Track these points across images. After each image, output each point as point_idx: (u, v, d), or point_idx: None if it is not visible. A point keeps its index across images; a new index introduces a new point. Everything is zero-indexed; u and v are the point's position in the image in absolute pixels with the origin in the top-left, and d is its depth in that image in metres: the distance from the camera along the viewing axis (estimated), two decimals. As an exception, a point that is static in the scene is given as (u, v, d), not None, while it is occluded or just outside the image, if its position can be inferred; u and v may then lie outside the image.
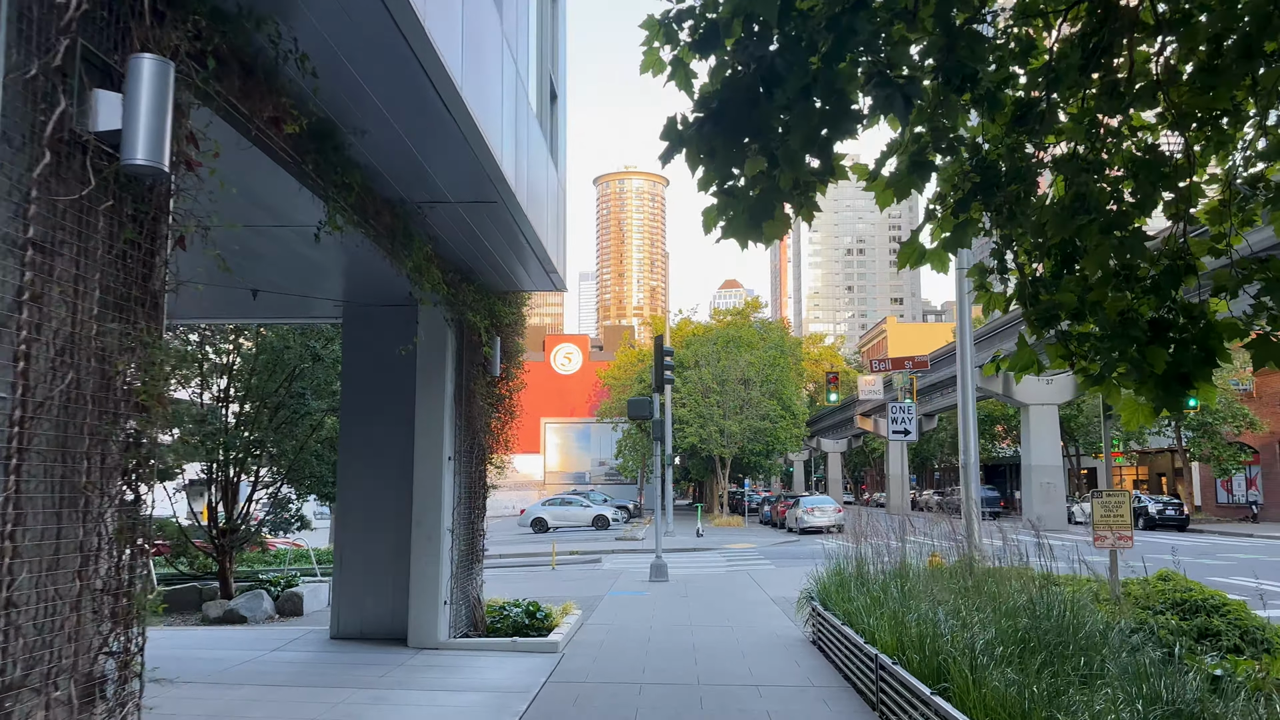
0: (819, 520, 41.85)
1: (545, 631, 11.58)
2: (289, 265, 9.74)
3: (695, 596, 16.69)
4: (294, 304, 11.43)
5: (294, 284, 10.59)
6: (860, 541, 11.28)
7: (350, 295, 11.27)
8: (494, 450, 12.28)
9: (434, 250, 8.84)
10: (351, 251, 8.75)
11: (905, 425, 16.86)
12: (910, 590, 9.17)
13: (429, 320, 10.82)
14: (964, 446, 12.09)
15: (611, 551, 31.67)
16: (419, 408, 10.89)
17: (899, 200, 5.75)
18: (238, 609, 15.49)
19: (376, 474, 11.51)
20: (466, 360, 11.36)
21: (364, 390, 11.75)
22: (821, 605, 11.13)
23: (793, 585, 18.27)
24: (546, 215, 10.08)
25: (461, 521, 11.38)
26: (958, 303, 12.19)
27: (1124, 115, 6.13)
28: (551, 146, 10.85)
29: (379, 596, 11.40)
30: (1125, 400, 6.13)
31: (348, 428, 11.79)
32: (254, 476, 16.88)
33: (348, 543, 11.56)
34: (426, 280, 8.31)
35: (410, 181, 7.54)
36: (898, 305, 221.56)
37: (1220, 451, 48.72)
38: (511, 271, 10.75)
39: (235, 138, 5.46)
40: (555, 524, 45.51)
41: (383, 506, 11.42)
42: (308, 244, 8.57)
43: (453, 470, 11.06)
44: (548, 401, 79.95)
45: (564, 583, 20.00)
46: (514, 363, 12.66)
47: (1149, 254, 5.70)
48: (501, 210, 8.25)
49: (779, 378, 54.31)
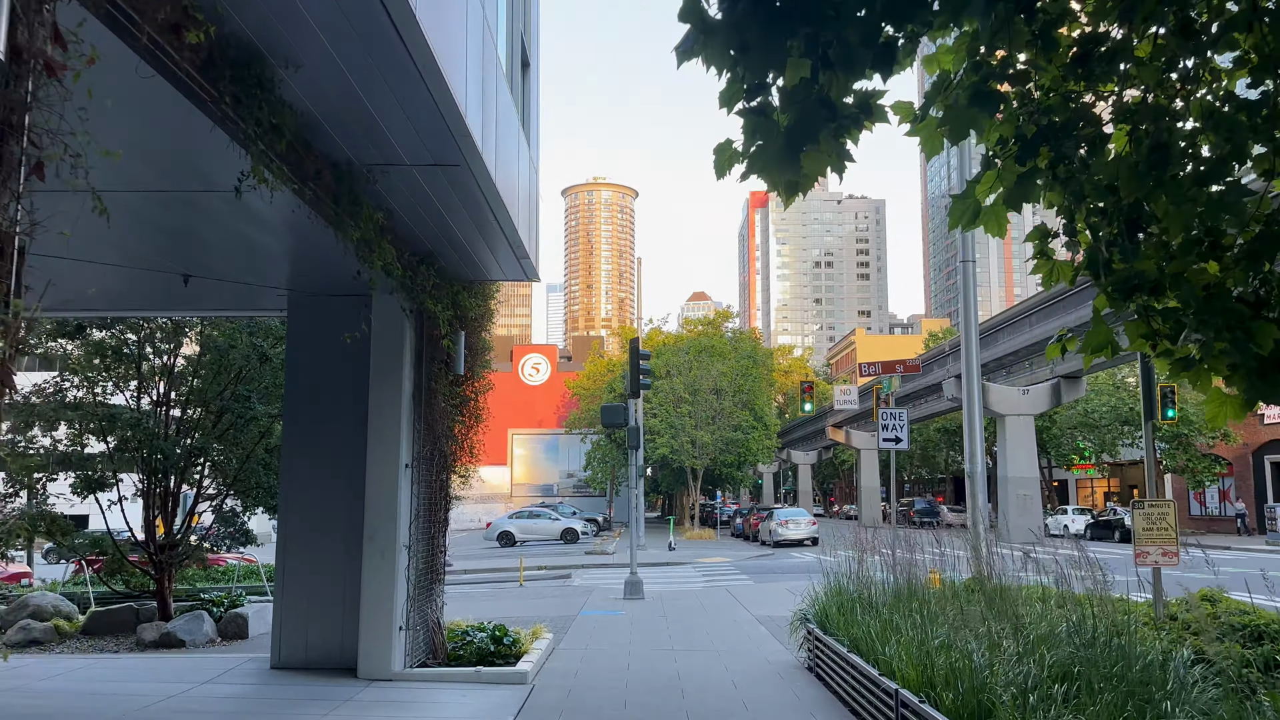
0: (793, 533, 40.88)
1: (513, 659, 10.40)
2: (224, 245, 8.56)
3: (675, 616, 15.56)
4: (233, 293, 10.21)
5: (231, 268, 9.40)
6: (866, 555, 10.21)
7: (296, 283, 10.08)
8: (458, 458, 11.11)
9: (388, 223, 7.70)
10: (292, 224, 7.60)
11: (897, 432, 15.89)
12: (930, 614, 8.11)
13: (384, 310, 9.66)
14: (969, 454, 11.10)
15: (582, 566, 30.47)
16: (373, 409, 9.72)
17: (953, 144, 4.72)
18: (175, 632, 14.18)
19: (324, 483, 10.29)
20: (427, 357, 10.20)
21: (311, 390, 10.53)
22: (819, 628, 10.06)
23: (777, 603, 17.20)
24: (518, 191, 8.97)
25: (420, 536, 10.19)
26: (963, 295, 11.21)
27: (1200, 59, 5.14)
28: (524, 117, 9.75)
29: (326, 621, 10.16)
30: (1213, 392, 5.14)
31: (292, 432, 10.56)
32: (196, 487, 15.57)
33: (291, 560, 10.32)
34: (378, 257, 7.15)
35: (358, 137, 6.40)
36: (865, 318, 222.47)
37: (1195, 463, 48.40)
38: (478, 256, 9.62)
39: (131, 60, 4.33)
40: (523, 538, 44.16)
41: (331, 519, 10.20)
42: (242, 217, 7.41)
43: (410, 479, 9.88)
44: (515, 412, 78.60)
45: (533, 601, 18.79)
46: (480, 361, 11.51)
47: (1244, 213, 4.71)
48: (465, 177, 7.14)
49: (751, 388, 53.43)
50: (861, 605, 9.31)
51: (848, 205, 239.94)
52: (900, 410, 16.19)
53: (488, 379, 11.61)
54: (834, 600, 10.16)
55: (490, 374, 11.93)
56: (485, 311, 11.32)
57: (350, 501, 9.96)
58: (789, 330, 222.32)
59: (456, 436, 10.94)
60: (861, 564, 10.33)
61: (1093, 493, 70.10)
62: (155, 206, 7.01)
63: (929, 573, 11.05)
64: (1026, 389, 42.18)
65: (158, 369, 15.00)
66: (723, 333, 62.58)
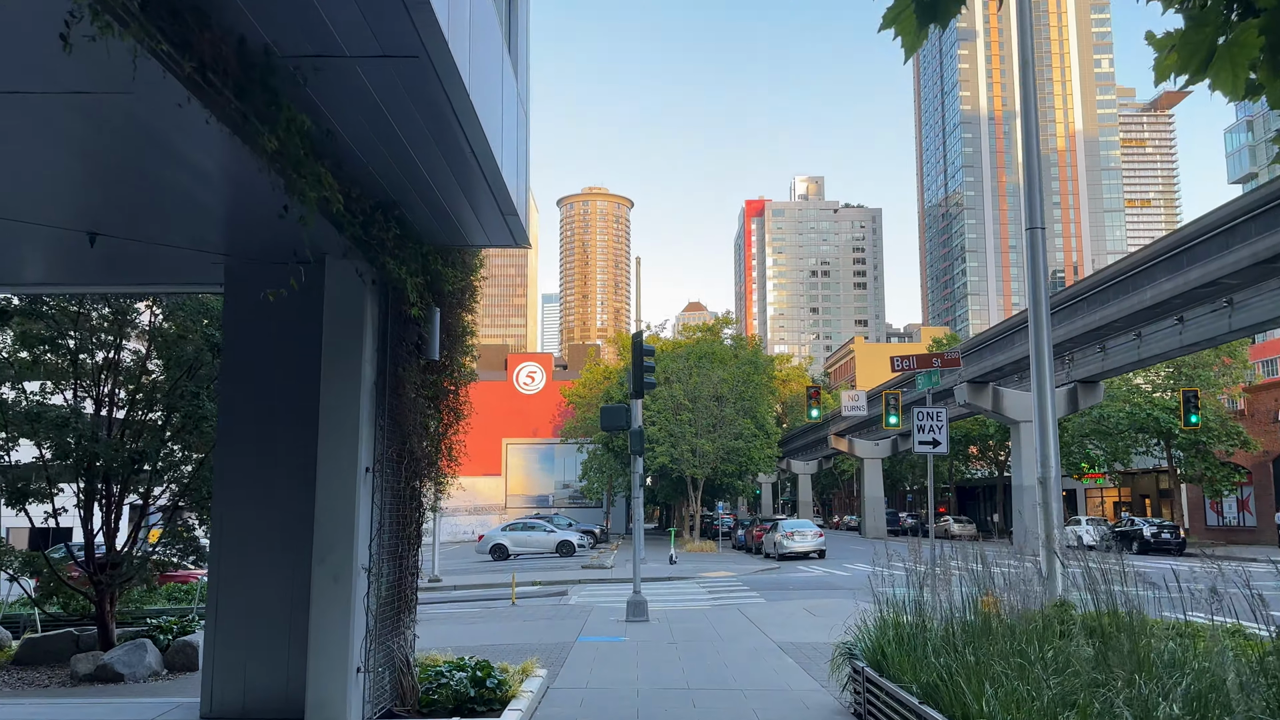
0: (800, 545, 39.02)
1: (498, 705, 8.55)
2: (137, 194, 6.76)
3: (685, 643, 13.69)
4: (156, 260, 8.41)
5: (148, 226, 7.59)
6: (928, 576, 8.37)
7: (234, 248, 8.27)
8: (434, 460, 9.27)
9: (328, 147, 5.89)
10: (222, 163, 5.81)
11: (934, 434, 14.08)
12: (1048, 657, 6.28)
13: (339, 278, 7.85)
14: (1042, 457, 9.24)
15: (579, 581, 28.61)
16: (325, 400, 7.89)
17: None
18: (112, 664, 12.34)
19: (268, 491, 8.44)
20: (394, 338, 8.38)
21: (252, 379, 8.68)
22: (871, 667, 8.22)
23: (798, 627, 15.36)
24: (501, 124, 7.18)
25: (385, 557, 8.35)
26: (1030, 265, 9.42)
27: None
28: (510, 39, 7.96)
29: (268, 661, 8.30)
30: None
31: (229, 429, 8.69)
32: (144, 498, 13.73)
33: (226, 585, 8.44)
34: (310, 185, 5.33)
35: (275, 7, 4.61)
36: (862, 327, 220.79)
37: (1213, 472, 46.66)
38: (453, 209, 7.81)
39: None
40: (516, 551, 42.21)
41: (274, 536, 8.35)
42: (156, 151, 5.63)
43: (372, 486, 8.05)
44: (510, 422, 76.82)
45: (525, 624, 16.92)
46: (462, 347, 9.70)
47: None
48: (428, 80, 5.34)
49: (753, 395, 51.62)
50: (942, 642, 7.46)
51: (844, 214, 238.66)
52: (938, 409, 14.38)
53: (469, 366, 9.80)
54: (889, 632, 8.32)
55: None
56: (466, 286, 9.51)
57: (301, 513, 8.12)
58: (785, 340, 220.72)
59: (432, 434, 9.11)
60: (923, 586, 8.49)
61: (1102, 502, 68.27)
62: (23, 115, 5.21)
63: (983, 595, 9.20)
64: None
65: (101, 363, 13.21)
66: (721, 339, 60.93)
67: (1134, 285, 30.43)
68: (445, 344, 9.21)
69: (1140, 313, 31.03)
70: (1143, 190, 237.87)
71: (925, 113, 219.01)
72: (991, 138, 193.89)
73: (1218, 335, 29.90)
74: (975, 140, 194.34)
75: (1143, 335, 33.56)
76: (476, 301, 10.04)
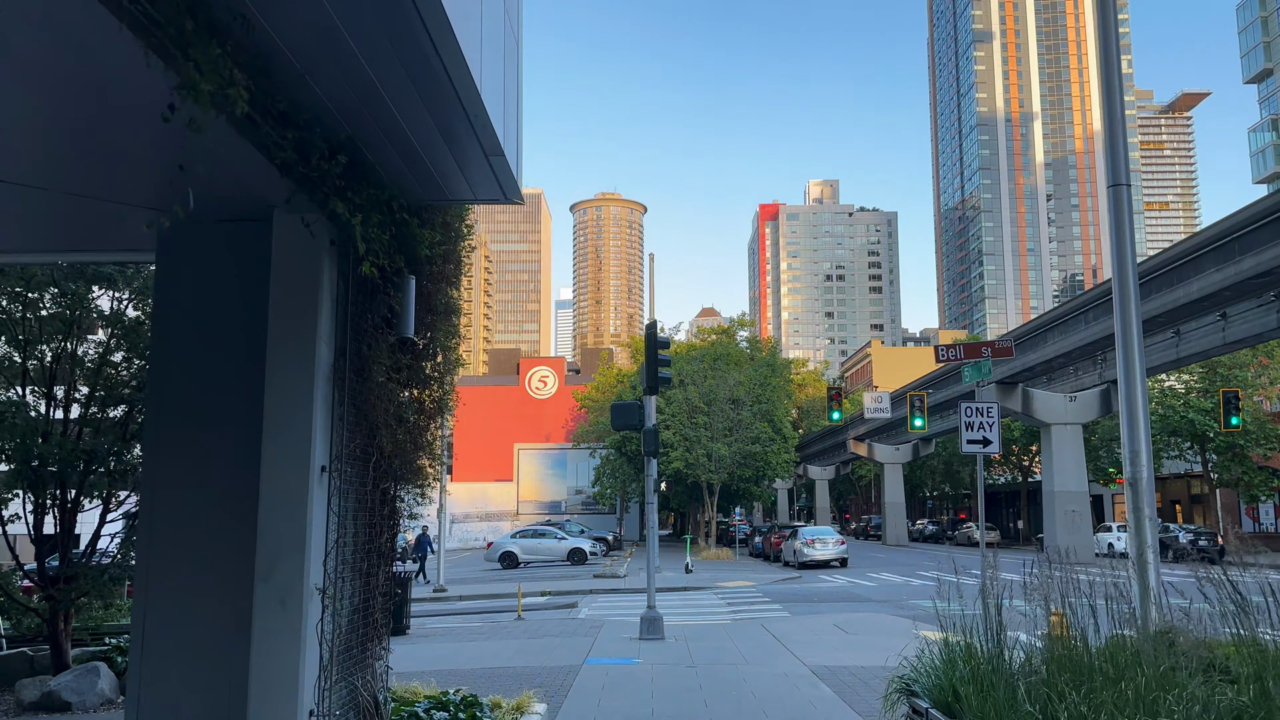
0: (821, 554, 37.44)
1: (485, 753, 7.10)
2: (30, 122, 5.37)
3: (706, 668, 12.18)
4: (71, 217, 7.01)
5: (59, 170, 6.21)
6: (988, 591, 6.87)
7: (166, 201, 6.84)
8: (411, 458, 7.82)
9: (247, 41, 4.46)
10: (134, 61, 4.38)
11: (984, 433, 12.58)
12: (1194, 713, 4.79)
13: (288, 235, 6.43)
14: (1130, 454, 7.76)
15: (590, 592, 27.13)
16: (270, 385, 6.46)
17: None
18: (60, 691, 11.01)
19: (202, 497, 6.99)
20: (357, 309, 6.95)
21: (186, 362, 7.24)
22: (941, 710, 6.72)
23: (830, 646, 13.83)
24: (482, 29, 5.74)
25: (349, 574, 6.91)
26: (1114, 226, 7.94)
27: None
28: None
29: (204, 700, 6.85)
30: None
31: (157, 420, 7.24)
32: (105, 502, 12.35)
33: (156, 607, 6.99)
34: (199, 62, 3.87)
35: None
36: (877, 331, 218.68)
37: (1250, 476, 44.84)
38: (424, 147, 6.36)
39: None
40: (526, 559, 40.76)
41: (211, 549, 6.89)
42: None
43: (330, 489, 6.61)
44: (522, 427, 75.54)
45: (530, 640, 15.45)
46: (447, 326, 8.26)
47: None
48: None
49: (770, 398, 50.05)
50: (1023, 681, 5.96)
51: (859, 217, 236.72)
52: (990, 404, 12.87)
53: (457, 348, 8.36)
54: (960, 667, 6.80)
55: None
56: (450, 252, 8.06)
57: (241, 524, 6.68)
58: (800, 344, 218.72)
59: (409, 427, 7.65)
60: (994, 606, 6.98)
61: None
62: None
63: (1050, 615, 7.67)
64: (1073, 396, 38.70)
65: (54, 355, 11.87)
66: (737, 341, 59.49)
67: (1179, 277, 28.75)
68: (426, 322, 7.80)
69: (1182, 308, 29.37)
70: (1161, 194, 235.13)
71: (941, 115, 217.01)
72: (1009, 139, 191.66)
73: (1265, 331, 28.19)
74: (992, 142, 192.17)
75: (1181, 332, 31.87)
76: (464, 275, 8.59)
